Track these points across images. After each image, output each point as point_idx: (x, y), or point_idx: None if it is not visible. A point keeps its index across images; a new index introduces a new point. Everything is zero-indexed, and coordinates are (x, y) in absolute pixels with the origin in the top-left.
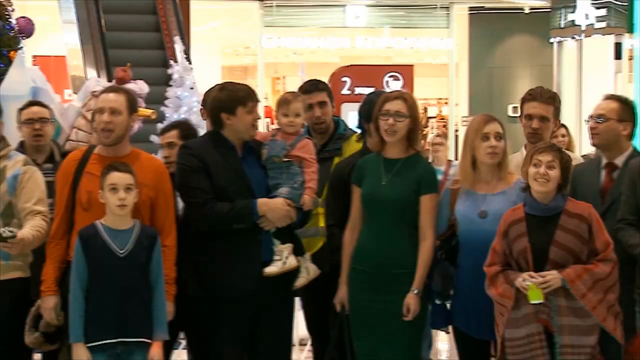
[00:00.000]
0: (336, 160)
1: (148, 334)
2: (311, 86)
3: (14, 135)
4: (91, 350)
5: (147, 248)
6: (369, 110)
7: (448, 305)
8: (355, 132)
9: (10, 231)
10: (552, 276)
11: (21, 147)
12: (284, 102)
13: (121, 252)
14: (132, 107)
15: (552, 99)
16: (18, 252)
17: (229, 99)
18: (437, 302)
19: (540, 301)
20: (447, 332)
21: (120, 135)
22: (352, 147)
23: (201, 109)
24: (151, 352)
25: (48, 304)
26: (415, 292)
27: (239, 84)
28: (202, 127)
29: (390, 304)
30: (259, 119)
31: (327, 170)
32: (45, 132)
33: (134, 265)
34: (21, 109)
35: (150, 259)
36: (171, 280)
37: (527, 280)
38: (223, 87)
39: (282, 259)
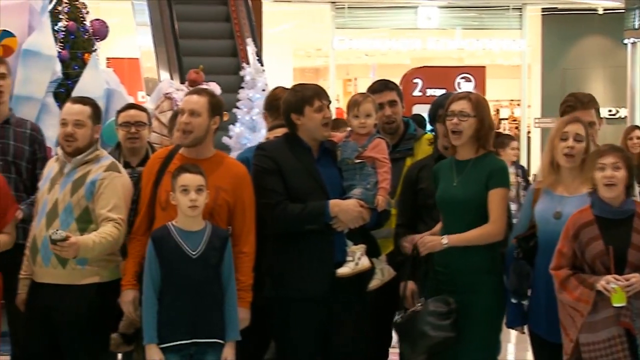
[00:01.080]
0: (408, 161)
1: (220, 334)
2: (381, 85)
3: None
4: (164, 351)
5: (218, 249)
6: (436, 112)
7: (525, 306)
8: (426, 133)
9: (59, 234)
10: (636, 279)
11: (117, 149)
12: (354, 103)
13: (193, 253)
14: (214, 110)
15: (593, 102)
16: (72, 256)
17: (297, 100)
18: (513, 301)
19: (623, 304)
20: (522, 332)
21: (199, 137)
22: (423, 147)
23: (264, 113)
24: (224, 353)
25: (127, 297)
26: (445, 242)
27: (308, 84)
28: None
29: (468, 305)
30: (329, 117)
31: (399, 171)
32: (141, 136)
33: (206, 266)
34: (119, 112)
35: (222, 259)
36: (247, 287)
37: (611, 283)
38: (292, 89)
39: (355, 260)
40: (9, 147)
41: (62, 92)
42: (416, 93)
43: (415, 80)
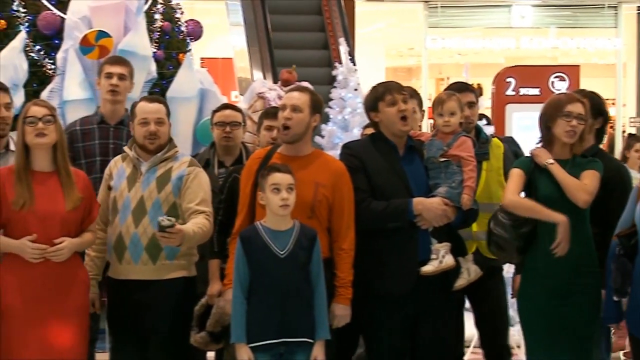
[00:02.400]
0: (485, 165)
1: (310, 334)
2: (461, 86)
3: (183, 136)
4: (254, 350)
5: (307, 248)
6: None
7: (624, 303)
8: (495, 137)
9: (168, 219)
10: None
11: (211, 148)
12: (439, 102)
13: (281, 252)
14: (315, 107)
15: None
16: (177, 243)
17: (371, 98)
18: (615, 298)
19: None
20: (618, 329)
21: (298, 133)
22: (495, 151)
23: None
24: (314, 352)
25: (229, 296)
26: (550, 161)
27: (386, 81)
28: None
29: (576, 306)
30: (404, 110)
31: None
32: (235, 135)
33: (295, 266)
34: (214, 111)
35: (310, 259)
36: (347, 283)
37: None
38: (371, 88)
39: (439, 258)
40: (121, 149)
41: (157, 91)
42: (509, 92)
43: (508, 80)
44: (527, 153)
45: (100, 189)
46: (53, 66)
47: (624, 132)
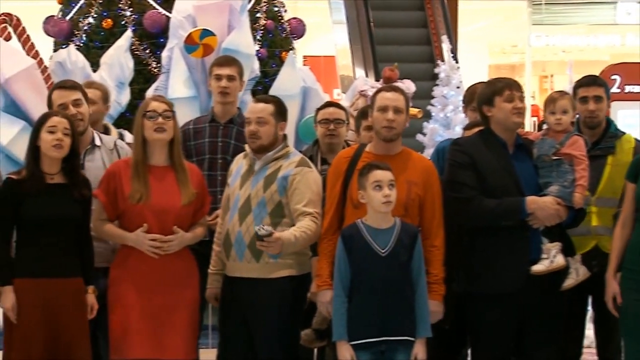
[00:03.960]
0: (609, 159)
1: (411, 332)
2: (589, 79)
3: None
4: (355, 348)
5: (408, 246)
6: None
7: None
8: (625, 133)
9: (265, 229)
10: None
11: (314, 145)
12: (551, 100)
13: (382, 251)
14: (408, 107)
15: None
16: (276, 252)
17: (487, 91)
18: None
19: None
20: None
21: (399, 133)
22: (624, 147)
23: (463, 107)
24: (415, 350)
25: (325, 297)
26: None
27: (502, 78)
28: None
29: None
30: (520, 107)
31: (598, 168)
32: (339, 133)
33: (396, 264)
34: (318, 109)
35: (412, 256)
36: (440, 280)
37: None
38: (485, 82)
39: (550, 258)
40: (229, 147)
41: (260, 89)
42: (614, 90)
43: (614, 77)
44: None
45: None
46: (158, 64)
47: None
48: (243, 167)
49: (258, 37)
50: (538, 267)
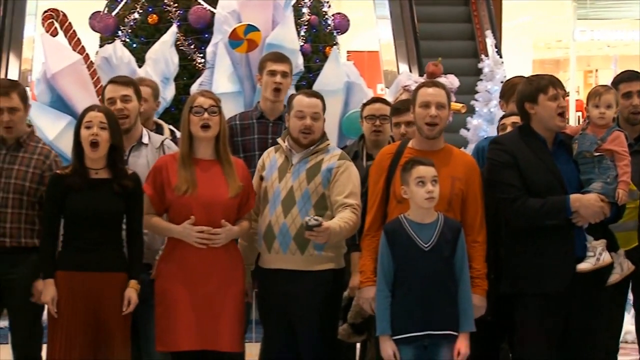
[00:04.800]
0: None
1: (454, 326)
2: (631, 75)
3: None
4: (398, 342)
5: (451, 241)
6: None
7: None
8: None
9: (315, 219)
10: None
11: (360, 141)
12: (595, 94)
13: (425, 245)
14: (448, 102)
15: None
16: (324, 241)
17: (531, 88)
18: None
19: None
20: None
21: (443, 128)
22: None
23: (500, 101)
24: (457, 344)
25: (367, 294)
26: None
27: (543, 74)
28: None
29: None
30: (564, 107)
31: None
32: (385, 129)
33: (439, 259)
34: (364, 104)
35: (455, 251)
36: (483, 275)
37: None
38: (527, 79)
39: (596, 255)
40: None
41: (304, 84)
42: None
43: None
44: None
45: (253, 180)
46: (203, 60)
47: None
48: (277, 160)
49: (302, 33)
50: (584, 266)
